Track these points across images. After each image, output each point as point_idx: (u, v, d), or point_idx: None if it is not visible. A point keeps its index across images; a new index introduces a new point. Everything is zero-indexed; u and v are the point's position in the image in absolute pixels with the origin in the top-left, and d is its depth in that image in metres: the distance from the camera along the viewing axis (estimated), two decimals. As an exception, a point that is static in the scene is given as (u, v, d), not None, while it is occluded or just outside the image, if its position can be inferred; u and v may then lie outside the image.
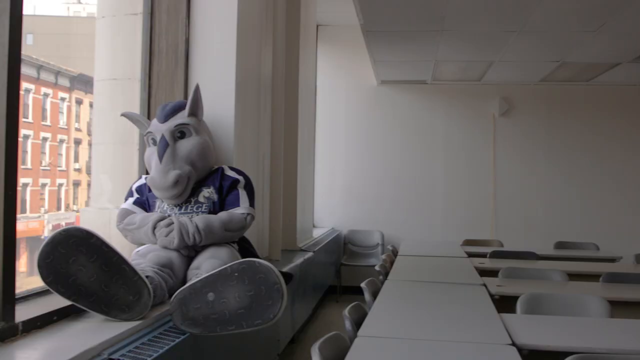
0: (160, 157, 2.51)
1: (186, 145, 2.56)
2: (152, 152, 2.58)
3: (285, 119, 4.45)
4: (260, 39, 3.56)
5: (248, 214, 2.59)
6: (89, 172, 23.58)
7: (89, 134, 23.50)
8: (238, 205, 2.59)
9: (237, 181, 2.64)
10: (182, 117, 2.59)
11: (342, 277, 7.17)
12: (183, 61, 3.00)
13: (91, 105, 23.46)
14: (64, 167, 23.70)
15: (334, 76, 7.46)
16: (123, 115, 2.74)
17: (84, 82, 23.43)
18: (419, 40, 5.29)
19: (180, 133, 2.57)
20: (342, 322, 2.50)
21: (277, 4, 4.11)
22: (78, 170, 24.63)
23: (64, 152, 23.83)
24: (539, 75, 6.75)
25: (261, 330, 2.04)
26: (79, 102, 24.50)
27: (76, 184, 24.44)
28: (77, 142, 24.79)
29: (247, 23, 3.22)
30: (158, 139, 2.55)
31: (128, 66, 3.08)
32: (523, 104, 7.35)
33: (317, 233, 6.38)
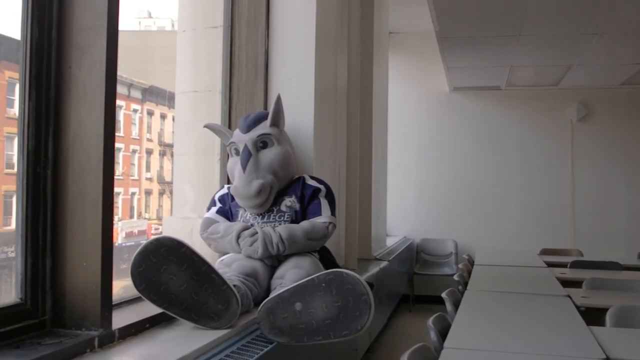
0: (244, 167, 2.54)
1: (268, 155, 2.58)
2: (235, 162, 2.61)
3: (360, 127, 4.44)
4: (337, 48, 3.57)
5: (330, 222, 2.59)
6: (160, 181, 24.22)
7: (160, 144, 24.14)
8: (320, 214, 2.59)
9: (318, 190, 2.65)
10: (264, 128, 2.62)
11: (415, 286, 7.08)
12: (263, 72, 3.03)
13: (162, 117, 24.11)
14: (136, 177, 24.41)
15: (405, 83, 7.40)
16: (206, 126, 2.79)
17: (155, 94, 24.06)
18: (495, 46, 5.19)
19: (262, 143, 2.60)
20: (416, 332, 2.46)
21: (352, 13, 4.12)
22: (149, 179, 25.27)
23: (136, 161, 24.56)
24: (620, 79, 6.51)
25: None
26: (150, 113, 25.18)
27: (148, 192, 25.05)
28: (149, 152, 25.46)
29: (325, 33, 3.23)
30: (241, 149, 2.59)
31: (209, 78, 3.13)
32: (602, 108, 7.09)
33: (390, 242, 6.33)
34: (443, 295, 3.28)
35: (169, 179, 24.77)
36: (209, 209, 2.73)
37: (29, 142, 1.70)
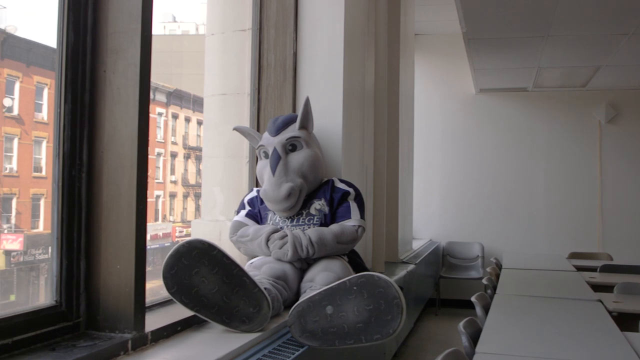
0: (273, 170, 2.53)
1: (297, 158, 2.58)
2: (264, 165, 2.61)
3: (387, 129, 4.43)
4: (364, 50, 3.56)
5: (359, 226, 2.57)
6: (184, 184, 24.41)
7: (184, 147, 24.34)
8: (349, 218, 2.58)
9: (347, 193, 2.63)
10: (293, 130, 2.62)
11: (441, 289, 7.03)
12: (291, 75, 3.03)
13: (186, 120, 24.30)
14: (161, 180, 24.63)
15: (430, 85, 7.37)
16: (235, 129, 2.80)
17: (179, 98, 24.28)
18: (523, 47, 5.14)
19: (291, 146, 2.59)
20: (443, 336, 2.44)
21: (379, 15, 4.10)
22: (174, 182, 25.48)
23: (160, 164, 24.78)
24: (650, 79, 6.41)
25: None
26: (175, 116, 25.42)
27: (172, 195, 25.27)
28: (173, 155, 25.69)
29: (353, 35, 3.22)
30: (270, 152, 2.58)
31: (237, 81, 3.15)
32: (631, 109, 6.99)
33: (416, 245, 6.30)
34: (472, 299, 3.25)
35: (193, 182, 24.95)
36: (238, 212, 2.73)
37: (64, 145, 1.72)
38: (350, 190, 2.65)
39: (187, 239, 2.00)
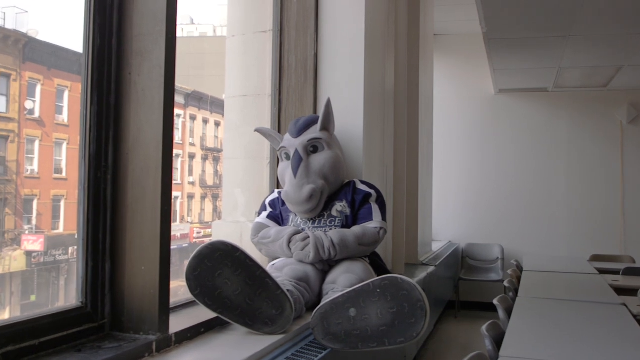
0: (295, 172, 2.53)
1: (319, 160, 2.57)
2: (285, 167, 2.61)
3: (407, 131, 4.41)
4: (384, 51, 3.54)
5: (381, 228, 2.56)
6: (202, 185, 24.51)
7: (202, 148, 24.45)
8: (371, 219, 2.56)
9: (369, 195, 2.62)
10: (314, 132, 2.61)
11: (461, 292, 6.99)
12: (312, 76, 3.02)
13: (204, 121, 24.41)
14: (179, 181, 24.76)
15: (449, 86, 7.33)
16: (257, 130, 2.79)
17: (197, 99, 24.40)
18: (544, 47, 5.09)
19: (313, 147, 2.58)
20: (463, 339, 2.41)
21: (399, 15, 4.08)
22: (192, 183, 25.60)
23: (179, 166, 24.92)
24: (673, 79, 6.33)
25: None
26: (193, 118, 25.53)
27: (190, 196, 25.40)
28: (191, 156, 25.81)
29: (374, 36, 3.21)
30: (291, 153, 2.58)
31: (258, 82, 3.15)
32: (654, 110, 6.91)
33: (435, 246, 6.26)
34: (495, 302, 3.22)
35: (211, 183, 25.04)
36: (259, 213, 2.72)
37: (90, 147, 1.73)
38: (372, 191, 2.64)
39: (210, 240, 2.00)
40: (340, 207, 2.59)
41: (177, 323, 1.93)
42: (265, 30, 3.14)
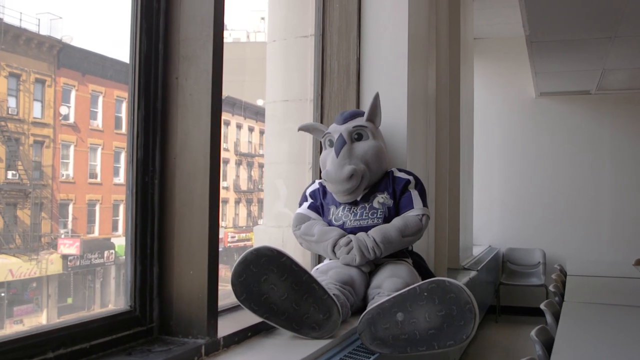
0: (337, 153, 2.49)
1: (363, 147, 2.53)
2: (328, 153, 2.57)
3: (449, 135, 4.36)
4: (426, 55, 3.51)
5: (423, 214, 2.50)
6: (236, 190, 24.67)
7: (236, 153, 24.62)
8: (412, 207, 2.51)
9: (408, 182, 2.56)
10: (360, 121, 2.59)
11: (501, 296, 6.88)
12: (355, 81, 3.00)
13: (238, 127, 24.59)
14: (213, 186, 24.94)
15: (489, 89, 7.23)
16: (300, 128, 2.76)
17: (231, 105, 24.57)
18: (587, 49, 4.99)
19: (357, 135, 2.55)
20: (505, 344, 2.35)
21: (440, 19, 4.05)
22: (226, 188, 25.78)
23: (214, 171, 25.11)
24: None
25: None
26: (227, 123, 25.72)
27: (224, 201, 25.58)
28: (225, 161, 25.99)
29: (416, 40, 3.17)
30: (335, 138, 2.55)
31: (299, 87, 3.13)
32: (702, 111, 6.72)
33: (476, 251, 6.18)
34: (542, 306, 3.15)
35: (245, 188, 25.16)
36: (300, 204, 2.68)
37: (138, 152, 1.74)
38: (410, 178, 2.58)
39: (256, 246, 1.99)
40: (382, 198, 2.54)
41: (224, 327, 1.92)
42: (307, 34, 3.13)
